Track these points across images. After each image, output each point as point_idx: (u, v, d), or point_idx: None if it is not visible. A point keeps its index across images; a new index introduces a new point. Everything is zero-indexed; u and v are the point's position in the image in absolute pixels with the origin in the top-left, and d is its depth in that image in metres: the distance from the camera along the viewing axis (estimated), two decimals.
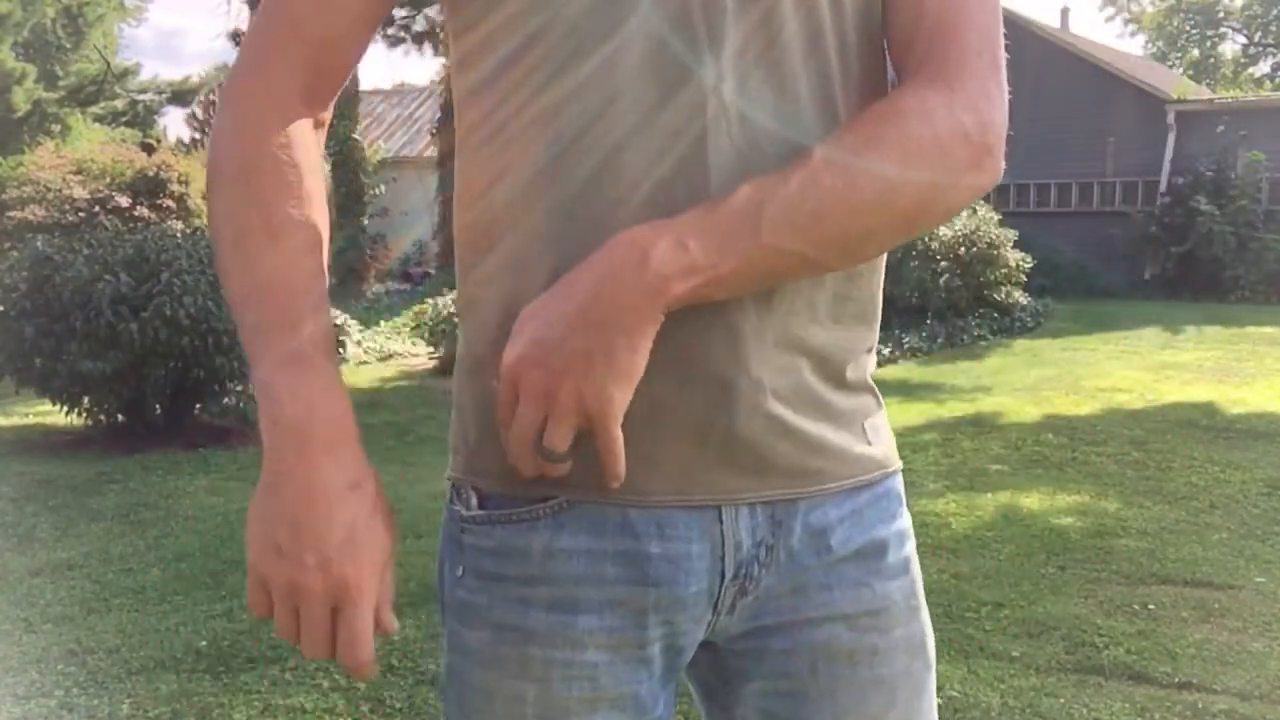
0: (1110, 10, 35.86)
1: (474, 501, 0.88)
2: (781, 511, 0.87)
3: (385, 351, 10.48)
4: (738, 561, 0.86)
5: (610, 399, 0.75)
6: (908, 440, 5.99)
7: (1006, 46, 0.87)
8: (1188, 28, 34.19)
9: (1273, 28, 33.01)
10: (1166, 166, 15.32)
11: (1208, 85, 27.38)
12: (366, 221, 15.61)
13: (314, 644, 0.80)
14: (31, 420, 7.30)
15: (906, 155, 0.78)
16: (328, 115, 0.91)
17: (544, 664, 0.85)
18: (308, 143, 0.86)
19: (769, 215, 0.75)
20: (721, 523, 0.85)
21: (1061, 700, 2.87)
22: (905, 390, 7.85)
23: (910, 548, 0.94)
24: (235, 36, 14.13)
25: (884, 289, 0.93)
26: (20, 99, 24.05)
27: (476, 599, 0.88)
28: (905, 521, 0.95)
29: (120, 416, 6.54)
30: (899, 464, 0.96)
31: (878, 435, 0.93)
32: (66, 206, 13.46)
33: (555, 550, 0.84)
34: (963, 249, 10.98)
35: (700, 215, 0.76)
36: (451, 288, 12.94)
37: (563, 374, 0.74)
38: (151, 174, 14.52)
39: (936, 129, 0.79)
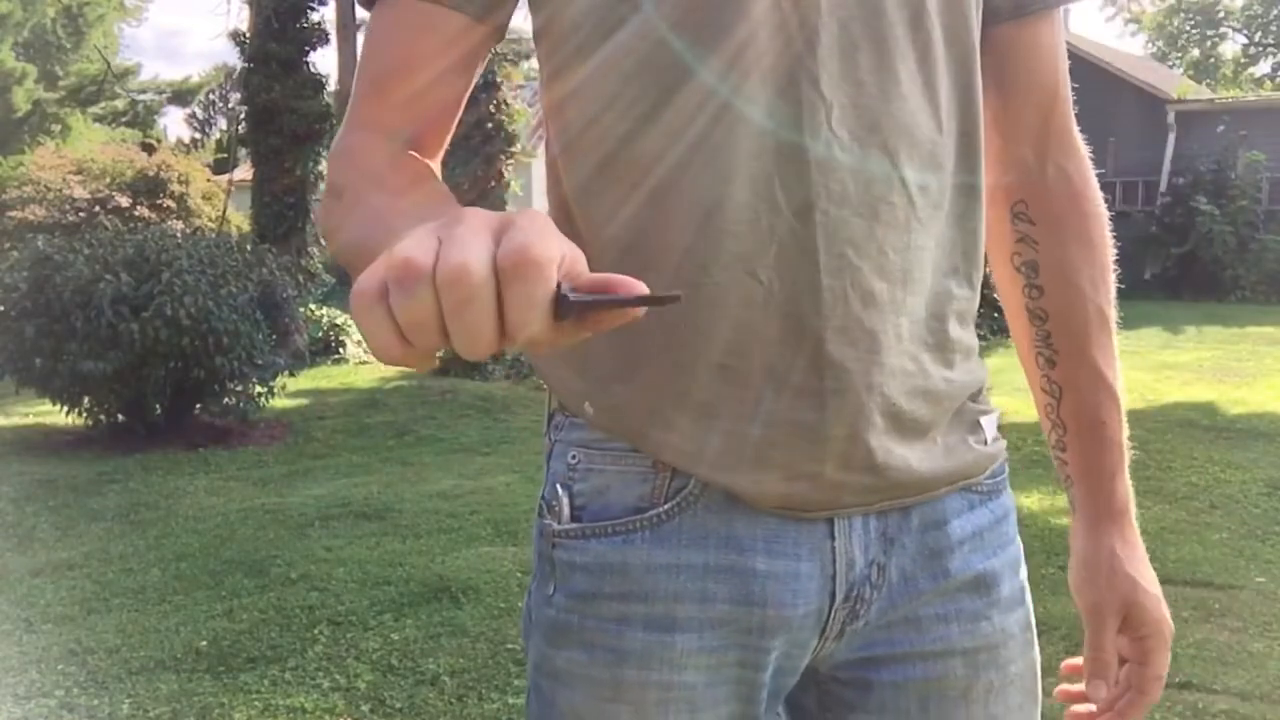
0: (1110, 10, 35.88)
1: (566, 514, 0.83)
2: (894, 527, 0.82)
3: None
4: (850, 582, 0.81)
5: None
6: None
7: None
8: (1188, 28, 34.16)
9: (1273, 28, 32.99)
10: (1167, 166, 15.32)
11: (1208, 85, 27.36)
12: None
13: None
14: (31, 420, 7.30)
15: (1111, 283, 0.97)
16: (437, 160, 0.90)
17: (639, 686, 0.80)
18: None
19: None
20: (833, 539, 0.80)
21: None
22: None
23: (1024, 575, 0.90)
24: (235, 36, 14.12)
25: None
26: (20, 99, 24.05)
27: (568, 618, 0.82)
28: (1019, 547, 0.91)
29: (120, 416, 6.55)
30: (1005, 455, 0.91)
31: (991, 424, 0.88)
32: (67, 206, 13.48)
33: (654, 565, 0.79)
34: None
35: (1128, 522, 0.94)
36: None
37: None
38: (152, 174, 14.54)
39: (1095, 207, 0.95)
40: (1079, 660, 0.94)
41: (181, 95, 32.65)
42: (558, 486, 0.83)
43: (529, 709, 0.87)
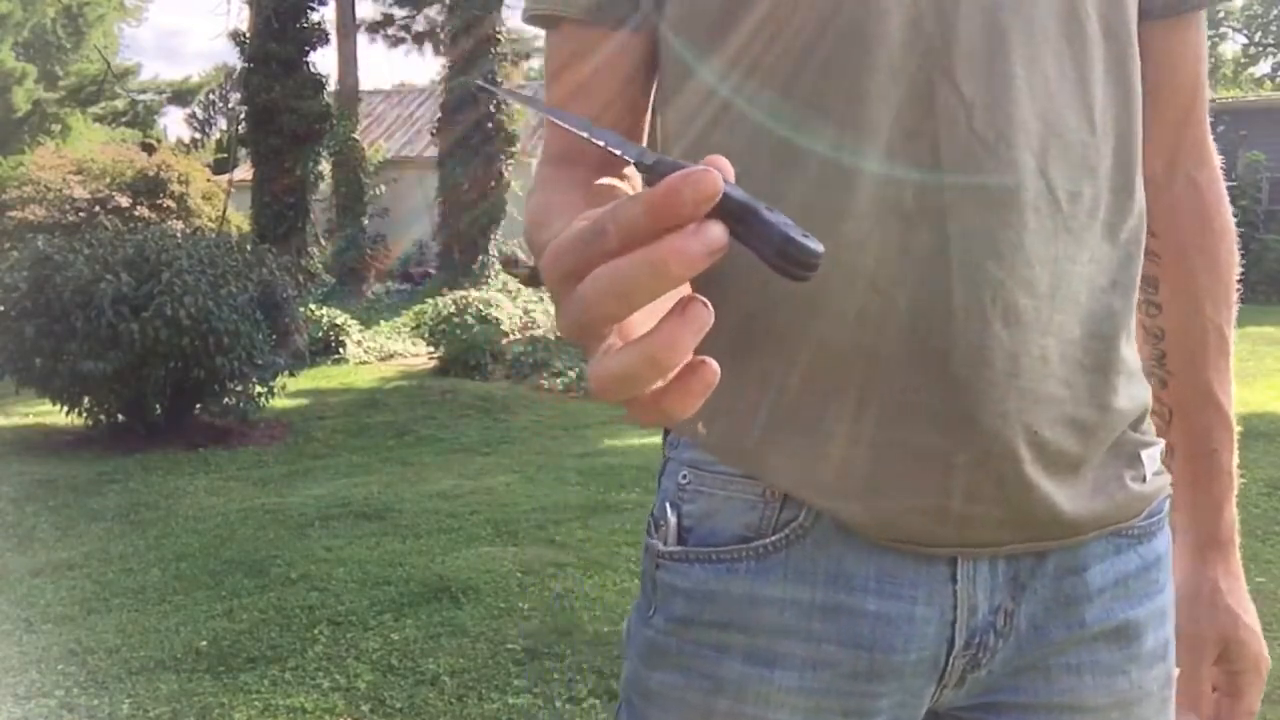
0: None
1: (673, 535, 0.79)
2: (1027, 572, 0.75)
3: (385, 351, 10.48)
4: (970, 629, 0.75)
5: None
6: None
7: None
8: None
9: (1273, 28, 33.00)
10: None
11: (1208, 85, 27.31)
12: (366, 221, 15.60)
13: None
14: (31, 420, 7.30)
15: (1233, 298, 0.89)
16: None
17: (731, 718, 0.76)
18: None
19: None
20: (955, 582, 0.74)
21: None
22: None
23: (1171, 626, 0.82)
24: (235, 36, 14.12)
25: None
26: (20, 99, 24.05)
27: (665, 641, 0.79)
28: (1170, 594, 0.83)
29: (120, 416, 6.55)
30: (1167, 490, 0.83)
31: (1153, 458, 0.80)
32: (67, 206, 13.48)
33: (757, 597, 0.75)
34: None
35: (1230, 554, 0.91)
36: (451, 288, 12.95)
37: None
38: (152, 174, 14.54)
39: (1224, 222, 0.88)
40: None
41: (181, 95, 32.64)
42: (667, 505, 0.80)
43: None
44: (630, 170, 0.77)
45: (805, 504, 0.74)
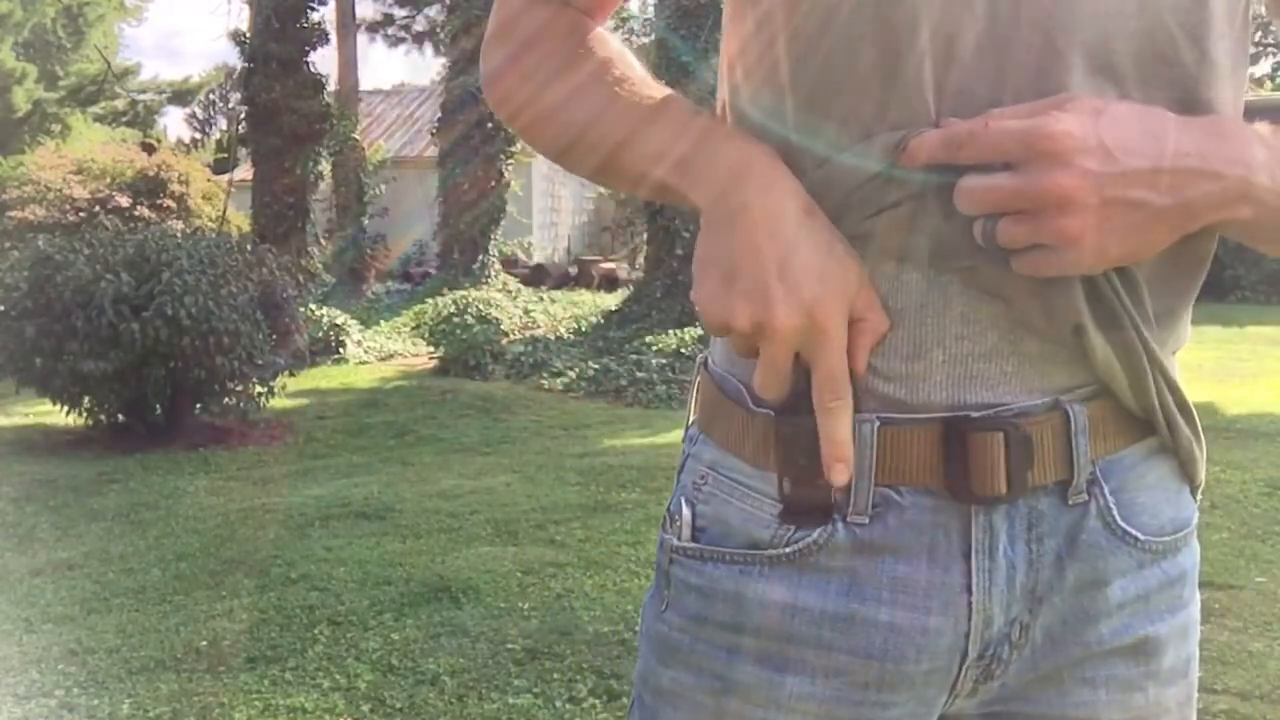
0: None
1: (687, 531, 0.79)
2: (1044, 585, 0.74)
3: (385, 351, 10.48)
4: (985, 640, 0.74)
5: (1144, 245, 0.65)
6: None
7: None
8: None
9: (1273, 27, 33.01)
10: None
11: None
12: (366, 221, 15.61)
13: (772, 385, 0.71)
14: (32, 420, 7.30)
15: None
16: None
17: None
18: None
19: None
20: (970, 593, 0.72)
21: None
22: None
23: (1194, 643, 0.80)
24: (235, 36, 14.12)
25: None
26: (20, 99, 24.05)
27: (678, 638, 0.79)
28: (1195, 609, 0.80)
29: (121, 416, 6.55)
30: (1194, 513, 0.80)
31: (1196, 467, 0.79)
32: (67, 206, 13.49)
33: (769, 602, 0.75)
34: None
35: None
36: (451, 288, 12.96)
37: (1125, 187, 0.63)
38: (152, 174, 14.55)
39: None
40: None
41: (181, 95, 32.65)
42: (683, 500, 0.80)
43: (631, 718, 0.86)
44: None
45: (819, 524, 0.74)
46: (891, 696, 0.74)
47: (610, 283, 15.89)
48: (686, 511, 0.79)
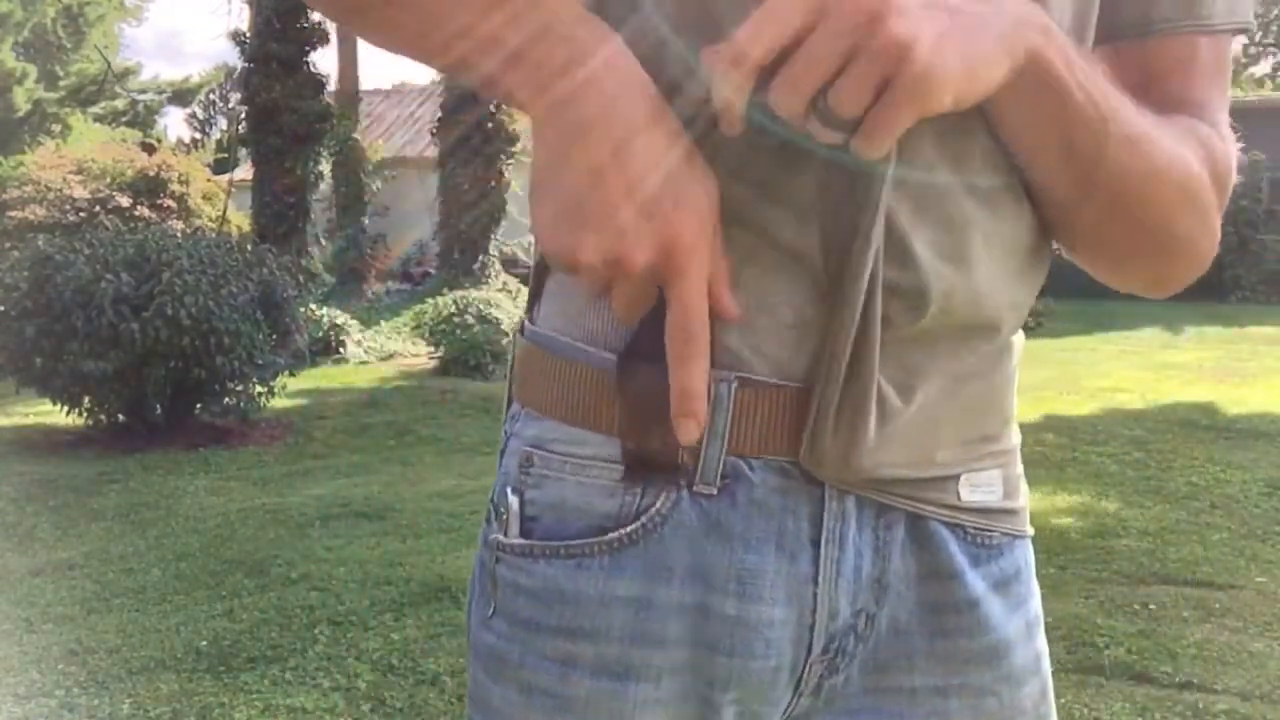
0: None
1: (515, 526, 0.72)
2: (892, 574, 0.71)
3: (385, 351, 10.48)
4: (830, 633, 0.70)
5: (954, 74, 0.55)
6: None
7: None
8: None
9: (1273, 28, 33.01)
10: None
11: None
12: (366, 221, 15.60)
13: (633, 311, 0.64)
14: (32, 420, 7.30)
15: (1191, 148, 0.69)
16: None
17: None
18: None
19: (1116, 123, 0.64)
20: (817, 583, 0.69)
21: (1062, 700, 2.86)
22: None
23: (1042, 638, 0.78)
24: (235, 36, 14.13)
25: None
26: (20, 99, 24.05)
27: (507, 649, 0.72)
28: (1037, 605, 0.78)
29: (121, 416, 6.55)
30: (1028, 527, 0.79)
31: (1018, 472, 0.77)
32: (67, 206, 13.48)
33: (610, 597, 0.69)
34: None
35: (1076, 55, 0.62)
36: (451, 288, 12.96)
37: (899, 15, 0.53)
38: (152, 174, 14.54)
39: (1217, 151, 0.71)
40: None
41: (181, 95, 32.65)
42: (508, 491, 0.73)
43: None
44: None
45: (663, 487, 0.68)
46: (739, 695, 0.70)
47: None
48: (513, 501, 0.72)
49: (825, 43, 0.53)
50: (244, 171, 15.62)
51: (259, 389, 6.74)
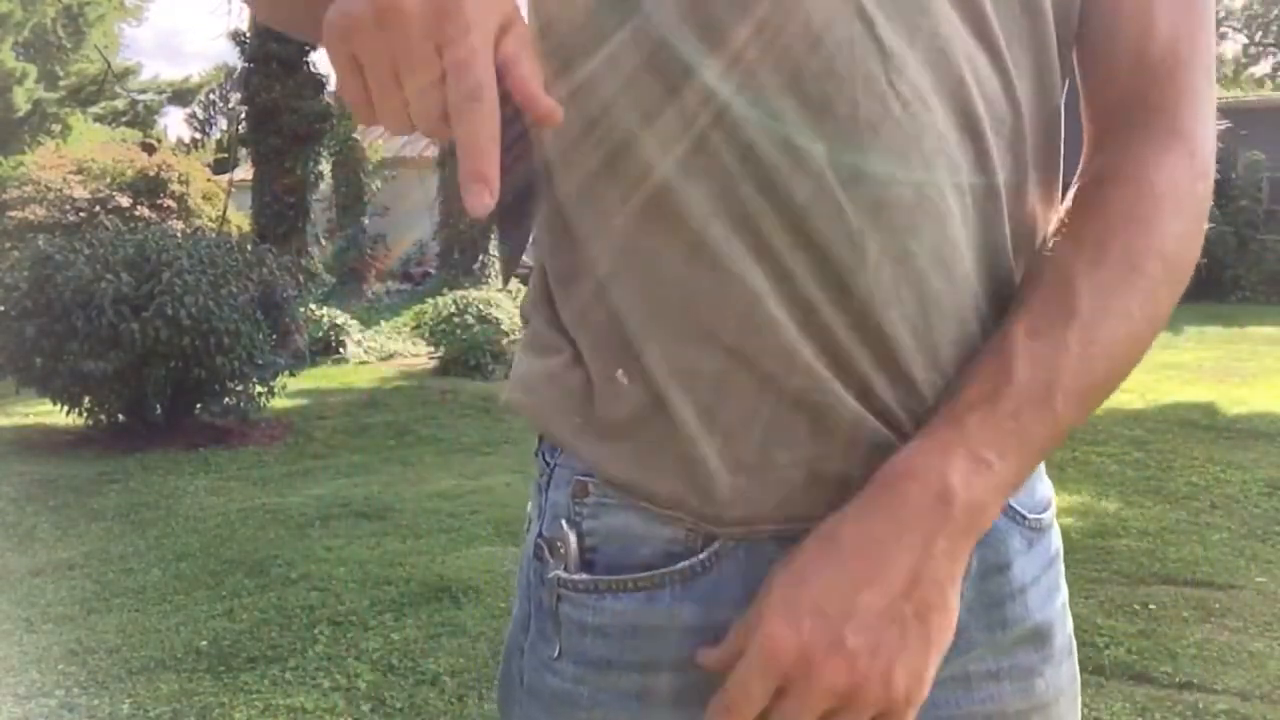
0: None
1: (575, 559, 0.69)
2: None
3: (385, 351, 10.48)
4: None
5: (925, 680, 0.61)
6: None
7: None
8: None
9: (1273, 28, 33.01)
10: None
11: None
12: (366, 221, 15.61)
13: (423, 114, 0.56)
14: (32, 420, 7.30)
15: (1168, 264, 0.69)
16: None
17: None
18: None
19: (1062, 398, 0.63)
20: None
21: None
22: None
23: (1070, 622, 0.79)
24: (235, 36, 14.12)
25: None
26: (20, 99, 24.04)
27: (575, 691, 0.69)
28: (1067, 590, 0.80)
29: (121, 416, 6.55)
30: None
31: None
32: (67, 206, 13.48)
33: (687, 627, 0.66)
34: None
35: (986, 416, 0.62)
36: (451, 288, 12.95)
37: (872, 658, 0.59)
38: (152, 174, 14.53)
39: (1187, 216, 0.70)
40: None
41: (181, 95, 32.67)
42: (562, 523, 0.70)
43: None
44: None
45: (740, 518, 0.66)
46: None
47: None
48: (570, 534, 0.69)
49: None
50: (244, 171, 15.61)
51: (259, 389, 6.74)
